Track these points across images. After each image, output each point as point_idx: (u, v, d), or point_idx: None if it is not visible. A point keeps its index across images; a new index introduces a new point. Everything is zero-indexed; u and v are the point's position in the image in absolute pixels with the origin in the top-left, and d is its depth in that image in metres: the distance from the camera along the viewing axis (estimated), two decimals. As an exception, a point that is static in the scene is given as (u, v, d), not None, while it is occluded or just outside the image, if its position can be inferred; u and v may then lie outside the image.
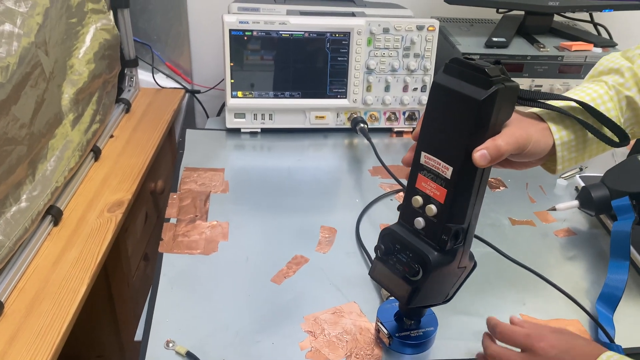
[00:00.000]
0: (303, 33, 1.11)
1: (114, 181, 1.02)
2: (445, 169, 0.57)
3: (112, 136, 1.16)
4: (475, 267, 0.64)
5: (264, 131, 1.19)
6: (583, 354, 0.54)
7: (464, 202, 0.58)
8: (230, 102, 1.14)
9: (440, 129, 0.57)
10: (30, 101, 0.85)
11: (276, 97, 1.15)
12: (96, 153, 1.07)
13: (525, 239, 0.92)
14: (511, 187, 1.05)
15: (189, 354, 0.67)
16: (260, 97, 1.15)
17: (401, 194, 1.02)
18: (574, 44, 1.22)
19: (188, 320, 0.73)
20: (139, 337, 0.71)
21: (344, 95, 1.17)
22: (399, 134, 1.23)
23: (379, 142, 1.18)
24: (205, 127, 1.23)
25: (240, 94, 1.14)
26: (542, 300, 0.79)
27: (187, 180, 1.01)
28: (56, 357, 0.70)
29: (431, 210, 0.58)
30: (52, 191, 0.89)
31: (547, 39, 1.28)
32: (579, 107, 0.65)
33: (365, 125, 1.16)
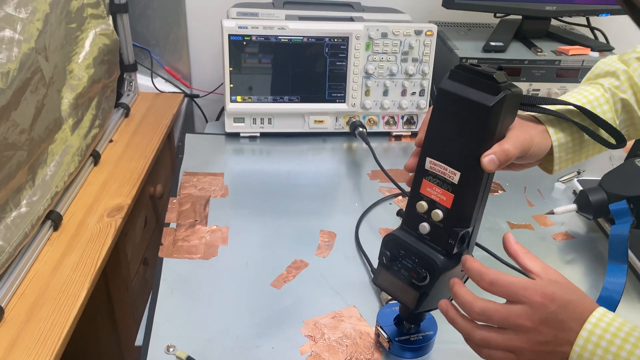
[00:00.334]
0: (302, 38, 1.11)
1: (113, 186, 1.02)
2: (452, 174, 0.57)
3: (111, 141, 1.16)
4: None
5: (263, 135, 1.19)
6: (579, 310, 0.53)
7: (470, 206, 0.58)
8: (230, 106, 1.14)
9: (447, 134, 0.57)
10: (30, 106, 0.85)
11: (275, 101, 1.16)
12: (95, 158, 1.07)
13: (524, 243, 0.89)
14: (509, 190, 1.06)
15: (189, 359, 0.68)
16: (259, 101, 1.15)
17: (400, 197, 1.02)
18: (571, 48, 1.22)
19: (188, 325, 0.73)
20: (139, 342, 0.71)
21: (342, 99, 1.18)
22: (398, 138, 1.23)
23: (378, 146, 1.19)
24: (205, 131, 1.24)
25: (239, 98, 1.14)
26: (541, 304, 0.79)
27: (187, 185, 1.02)
28: (56, 363, 0.70)
29: (437, 215, 0.59)
30: (52, 196, 0.89)
31: (544, 43, 1.28)
32: (576, 109, 0.66)
33: (364, 130, 1.16)
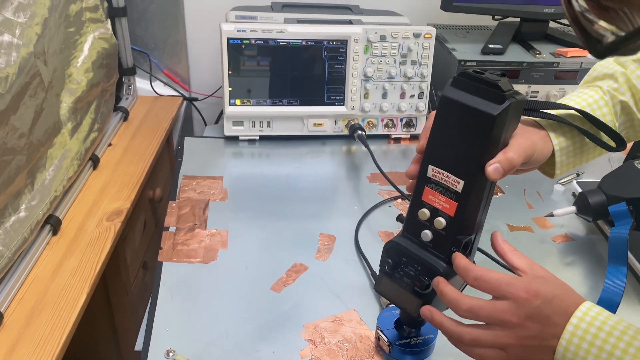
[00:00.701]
0: (300, 41, 1.11)
1: (112, 190, 1.02)
2: (455, 183, 0.57)
3: (110, 144, 1.16)
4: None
5: (262, 139, 1.19)
6: (565, 304, 0.53)
7: (474, 214, 0.58)
8: (229, 109, 1.14)
9: (450, 142, 0.56)
10: (29, 111, 0.85)
11: (274, 104, 1.16)
12: (94, 162, 1.07)
13: (523, 245, 0.92)
14: (509, 193, 1.06)
15: (189, 363, 0.67)
16: (258, 104, 1.15)
17: (400, 200, 1.02)
18: (570, 50, 1.23)
19: (188, 329, 0.73)
20: (139, 347, 0.71)
21: (341, 102, 1.18)
22: (397, 140, 1.23)
23: (377, 149, 1.19)
24: (204, 134, 1.24)
25: (238, 101, 1.14)
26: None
27: (186, 189, 1.01)
28: (56, 368, 0.70)
29: (440, 223, 0.58)
30: (51, 200, 0.89)
31: (542, 45, 1.28)
32: (576, 113, 0.66)
33: (363, 132, 1.16)
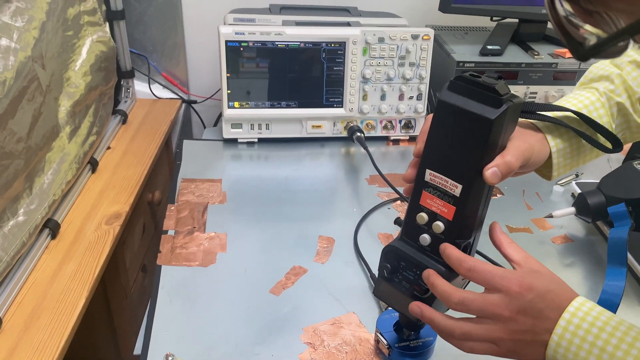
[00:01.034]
0: (299, 43, 1.11)
1: (111, 193, 1.02)
2: (453, 187, 0.56)
3: (109, 148, 1.16)
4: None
5: (261, 141, 1.19)
6: (558, 299, 0.53)
7: (472, 218, 0.58)
8: (227, 112, 1.14)
9: (448, 147, 0.56)
10: (27, 115, 0.85)
11: (273, 107, 1.16)
12: (93, 165, 1.07)
13: (523, 247, 0.90)
14: (508, 194, 1.06)
15: (188, 367, 0.67)
16: (256, 107, 1.15)
17: (399, 202, 1.02)
18: (568, 50, 1.22)
19: (187, 333, 0.73)
20: (138, 351, 0.71)
21: (340, 104, 1.18)
22: (396, 142, 1.23)
23: (376, 151, 1.19)
24: (202, 137, 1.23)
25: (236, 104, 1.14)
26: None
27: (185, 192, 1.01)
28: (55, 372, 0.69)
29: (439, 227, 0.58)
30: (49, 204, 0.89)
31: (541, 46, 1.28)
32: (573, 115, 0.66)
33: (362, 134, 1.16)
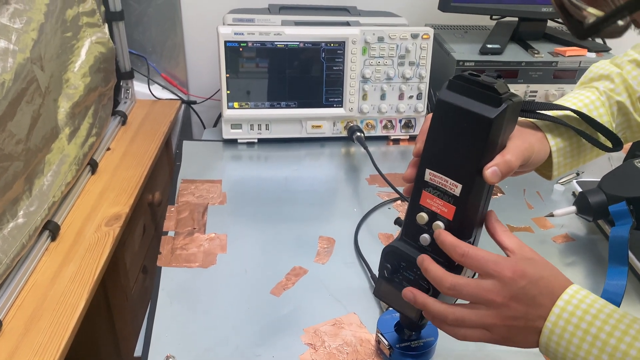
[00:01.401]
0: (298, 43, 1.11)
1: (111, 194, 1.02)
2: (453, 187, 0.56)
3: (108, 149, 1.16)
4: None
5: (261, 141, 1.19)
6: (551, 286, 0.53)
7: (472, 217, 0.57)
8: (227, 113, 1.14)
9: (447, 146, 0.56)
10: (26, 117, 0.85)
11: (272, 107, 1.15)
12: (93, 166, 1.07)
13: None
14: (508, 193, 1.05)
15: (189, 369, 0.67)
16: (256, 107, 1.15)
17: (399, 202, 1.02)
18: (568, 49, 1.22)
19: (188, 335, 0.73)
20: (138, 353, 0.71)
21: (340, 104, 1.17)
22: (396, 141, 1.23)
23: (376, 151, 1.18)
24: (202, 138, 1.23)
25: (236, 104, 1.14)
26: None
27: (185, 193, 1.01)
28: (55, 375, 0.69)
29: (439, 227, 0.58)
30: (49, 206, 0.89)
31: (541, 44, 1.28)
32: (573, 114, 0.66)
33: (362, 134, 1.16)
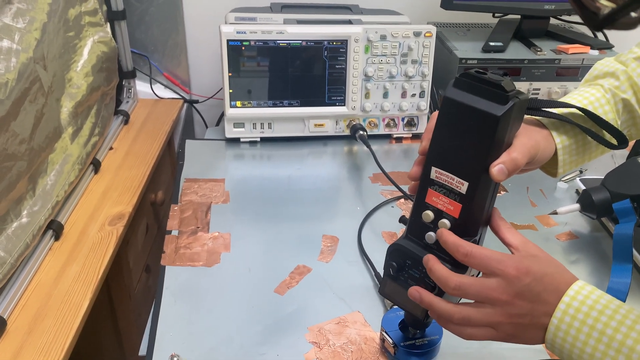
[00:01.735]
0: (300, 42, 1.11)
1: (114, 194, 1.02)
2: (459, 184, 0.56)
3: (111, 148, 1.16)
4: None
5: (264, 140, 1.19)
6: (556, 282, 0.52)
7: (478, 215, 0.57)
8: (229, 112, 1.14)
9: (453, 144, 0.56)
10: (30, 116, 0.85)
11: (275, 106, 1.15)
12: (96, 166, 1.07)
13: None
14: (512, 191, 1.05)
15: (193, 367, 0.67)
16: (259, 106, 1.15)
17: (402, 200, 1.01)
18: (571, 46, 1.22)
19: (192, 334, 0.73)
20: (143, 352, 0.71)
21: (342, 102, 1.17)
22: (399, 140, 1.23)
23: (379, 149, 1.18)
24: (205, 137, 1.23)
25: (239, 103, 1.14)
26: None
27: (188, 192, 1.01)
28: (60, 374, 0.69)
29: (445, 225, 0.58)
30: (52, 205, 0.89)
31: (543, 42, 1.28)
32: (578, 112, 0.66)
33: (365, 132, 1.16)
